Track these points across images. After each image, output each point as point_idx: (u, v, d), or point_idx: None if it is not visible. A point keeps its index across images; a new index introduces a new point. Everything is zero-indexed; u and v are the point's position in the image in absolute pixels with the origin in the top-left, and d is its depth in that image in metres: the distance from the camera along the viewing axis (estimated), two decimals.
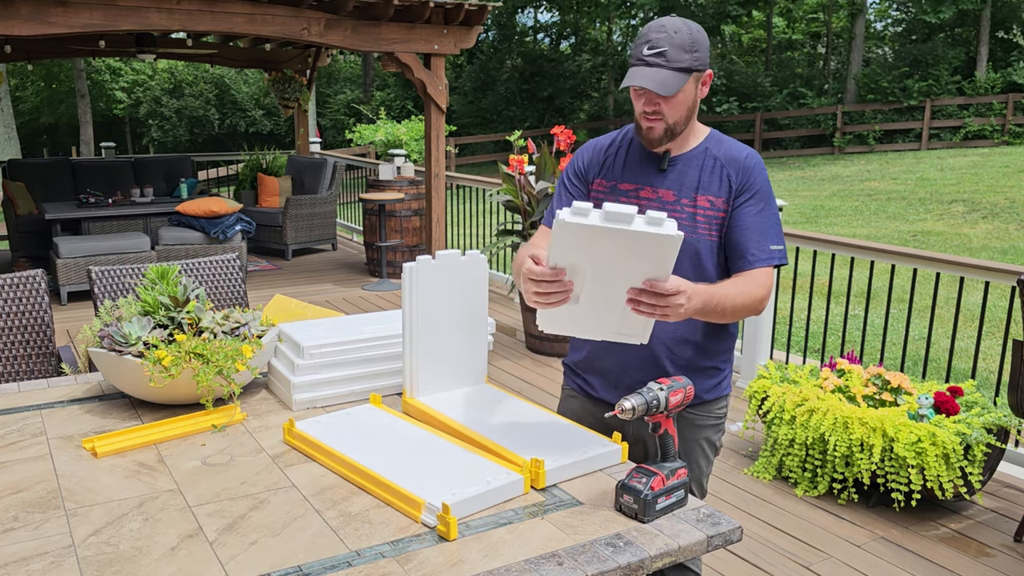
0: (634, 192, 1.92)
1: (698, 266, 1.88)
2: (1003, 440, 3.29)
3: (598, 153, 2.00)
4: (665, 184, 1.90)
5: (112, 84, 26.04)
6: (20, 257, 7.72)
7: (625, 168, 1.95)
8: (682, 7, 20.32)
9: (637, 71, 1.78)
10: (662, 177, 1.90)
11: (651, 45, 1.77)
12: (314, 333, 2.09)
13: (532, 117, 25.29)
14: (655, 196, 1.90)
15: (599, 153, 2.00)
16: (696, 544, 1.44)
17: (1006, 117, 19.11)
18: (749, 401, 3.70)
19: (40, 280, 2.94)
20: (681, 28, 1.78)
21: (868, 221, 11.80)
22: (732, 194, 1.88)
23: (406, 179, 7.79)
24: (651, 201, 1.90)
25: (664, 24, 1.79)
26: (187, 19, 5.71)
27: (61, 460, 1.73)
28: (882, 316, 5.80)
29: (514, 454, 1.66)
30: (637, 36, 1.83)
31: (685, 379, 1.59)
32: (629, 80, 1.78)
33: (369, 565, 1.34)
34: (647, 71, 1.77)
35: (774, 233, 1.89)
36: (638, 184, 1.92)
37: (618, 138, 2.00)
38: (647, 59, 1.78)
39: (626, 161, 1.95)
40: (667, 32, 1.77)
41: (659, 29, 1.78)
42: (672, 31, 1.77)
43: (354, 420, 1.88)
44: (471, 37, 6.73)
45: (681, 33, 1.77)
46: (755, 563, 2.96)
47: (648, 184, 1.91)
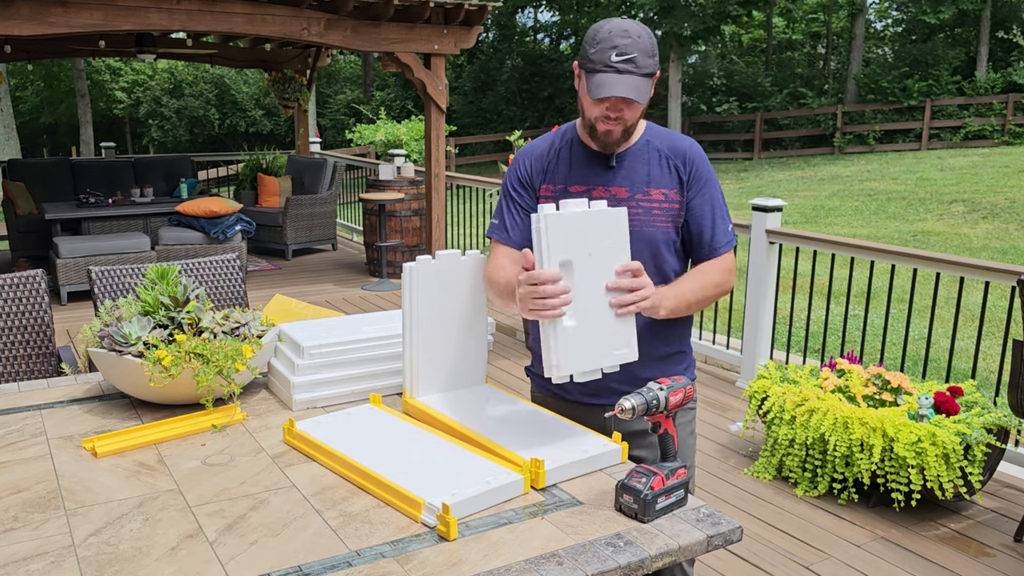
0: (586, 193, 1.91)
1: (658, 258, 1.92)
2: (1003, 440, 3.29)
3: (539, 159, 1.97)
4: (616, 181, 1.90)
5: (112, 84, 26.04)
6: (20, 257, 7.73)
7: (572, 170, 1.93)
8: (682, 7, 20.30)
9: (610, 79, 1.75)
10: (611, 175, 1.90)
11: (620, 51, 1.74)
12: (314, 333, 2.09)
13: (532, 117, 25.29)
14: (608, 195, 1.90)
15: (539, 159, 1.97)
16: (696, 544, 1.44)
17: (1006, 117, 19.11)
18: (749, 401, 3.70)
19: (40, 280, 2.94)
20: (642, 32, 1.77)
21: (868, 221, 11.80)
22: (683, 186, 1.91)
23: (406, 179, 7.79)
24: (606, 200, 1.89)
25: (627, 29, 1.75)
26: (187, 19, 5.71)
27: (61, 460, 1.73)
28: (882, 316, 5.80)
29: (514, 454, 1.66)
30: (594, 38, 1.78)
31: (685, 379, 1.59)
32: (607, 90, 1.74)
33: (369, 565, 1.34)
34: (621, 79, 1.75)
35: (726, 216, 1.97)
36: (588, 185, 1.91)
37: (556, 141, 1.98)
38: (617, 66, 1.74)
39: (571, 163, 1.93)
40: (632, 37, 1.74)
41: (623, 34, 1.75)
42: (636, 36, 1.75)
43: (354, 420, 1.88)
44: (471, 37, 6.73)
45: (643, 38, 1.76)
46: (755, 563, 2.96)
47: (599, 183, 1.91)
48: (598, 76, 1.76)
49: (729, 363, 5.13)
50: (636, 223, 1.88)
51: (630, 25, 1.77)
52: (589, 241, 1.66)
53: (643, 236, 1.90)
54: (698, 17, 20.04)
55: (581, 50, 1.81)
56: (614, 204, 1.87)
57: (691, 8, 20.26)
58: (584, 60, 1.79)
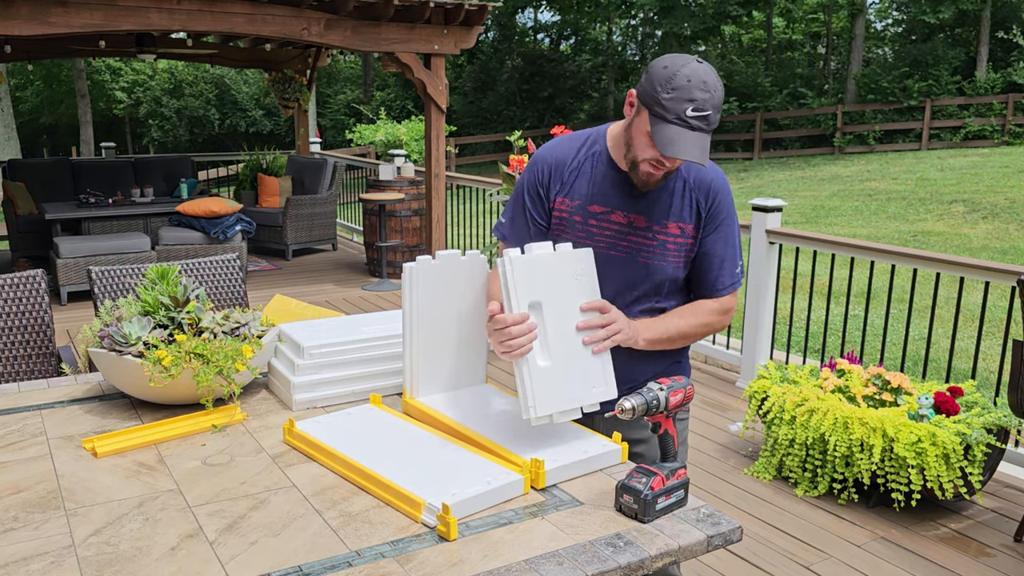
0: (604, 215, 1.84)
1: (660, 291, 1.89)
2: (1003, 440, 3.29)
3: (559, 168, 1.89)
4: (637, 209, 1.83)
5: (112, 84, 26.05)
6: (20, 257, 7.73)
7: (594, 187, 1.85)
8: (682, 7, 20.31)
9: (681, 136, 1.63)
10: (634, 201, 1.83)
11: (697, 107, 1.62)
12: (314, 333, 2.09)
13: (532, 117, 25.29)
14: (626, 221, 1.84)
15: (559, 168, 1.89)
16: (696, 544, 1.44)
17: (1006, 117, 19.11)
18: (749, 401, 3.70)
19: (40, 280, 2.94)
20: (718, 85, 1.66)
21: (868, 221, 11.80)
22: (701, 222, 1.85)
23: (406, 179, 7.79)
24: (621, 226, 1.84)
25: (707, 82, 1.63)
26: (187, 19, 5.71)
27: (61, 460, 1.73)
28: (882, 316, 5.80)
29: (514, 454, 1.66)
30: (669, 81, 1.63)
31: (685, 379, 1.59)
32: (678, 150, 1.62)
33: (369, 565, 1.34)
34: (692, 138, 1.64)
35: (737, 256, 1.92)
36: (609, 207, 1.84)
37: (581, 152, 1.88)
38: (691, 123, 1.63)
39: (595, 179, 1.85)
40: (710, 91, 1.63)
41: (702, 87, 1.63)
42: (713, 89, 1.64)
43: (354, 420, 1.88)
44: (471, 37, 6.73)
45: (719, 91, 1.66)
46: (755, 563, 2.96)
47: (620, 208, 1.84)
48: (669, 129, 1.64)
49: (729, 363, 5.13)
50: (647, 255, 1.84)
51: (709, 75, 1.65)
52: (557, 282, 1.69)
53: (651, 268, 1.86)
54: (698, 17, 20.04)
55: (647, 85, 1.67)
56: (631, 232, 1.84)
57: (691, 8, 20.26)
58: (652, 101, 1.66)
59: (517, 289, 1.64)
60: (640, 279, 1.88)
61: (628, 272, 1.87)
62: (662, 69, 1.66)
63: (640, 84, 1.70)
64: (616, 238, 1.86)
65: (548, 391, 1.65)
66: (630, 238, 1.85)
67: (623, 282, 1.88)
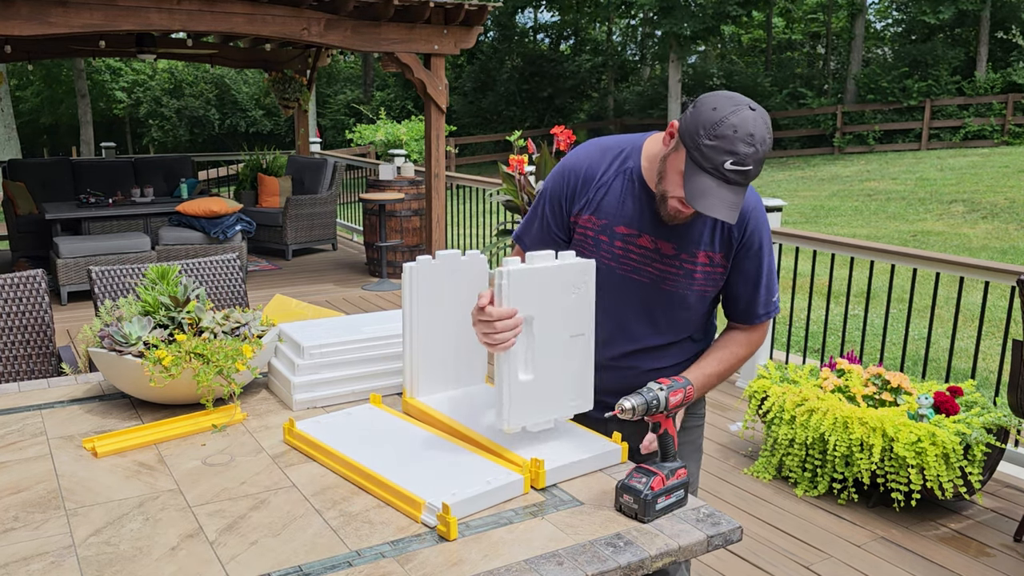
0: (632, 238, 1.76)
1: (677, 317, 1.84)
2: (1003, 440, 3.29)
3: (587, 184, 1.78)
4: (666, 236, 1.75)
5: (112, 84, 26.04)
6: (20, 257, 7.73)
7: (623, 208, 1.76)
8: (682, 7, 20.30)
9: (715, 191, 1.53)
10: (663, 228, 1.74)
11: (737, 161, 1.52)
12: (314, 333, 2.09)
13: (532, 117, 25.29)
14: (653, 247, 1.76)
15: (588, 185, 1.78)
16: (696, 544, 1.44)
17: (1006, 117, 19.11)
18: (749, 401, 3.70)
19: (40, 280, 2.94)
20: (767, 137, 1.54)
21: (868, 221, 11.80)
22: (733, 250, 1.77)
23: (406, 179, 7.79)
24: (647, 251, 1.76)
25: (754, 135, 1.51)
26: (187, 19, 5.71)
27: (61, 460, 1.73)
28: (882, 316, 5.80)
29: (514, 454, 1.66)
30: (714, 125, 1.51)
31: (685, 379, 1.59)
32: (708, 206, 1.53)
33: (369, 565, 1.34)
34: (726, 194, 1.54)
35: (774, 284, 1.85)
36: (636, 230, 1.75)
37: (613, 167, 1.77)
38: (728, 176, 1.53)
39: (624, 200, 1.75)
40: (756, 147, 1.52)
41: (748, 140, 1.51)
42: (759, 143, 1.52)
43: (354, 420, 1.88)
44: (471, 37, 6.73)
45: (766, 144, 1.53)
46: (755, 563, 2.96)
47: (647, 232, 1.75)
48: (702, 179, 1.54)
49: None
50: (672, 284, 1.78)
51: (758, 127, 1.52)
52: (552, 295, 1.65)
53: (673, 297, 1.80)
54: (698, 17, 20.04)
55: (691, 123, 1.56)
56: (657, 259, 1.76)
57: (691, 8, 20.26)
58: (691, 144, 1.55)
59: (511, 303, 1.61)
60: (661, 307, 1.82)
61: (649, 298, 1.81)
62: (710, 111, 1.53)
63: (684, 117, 1.59)
64: (641, 263, 1.78)
65: (525, 404, 1.65)
66: (656, 264, 1.78)
67: (642, 308, 1.82)
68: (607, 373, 1.88)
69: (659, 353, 1.89)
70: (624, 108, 25.55)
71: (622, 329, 1.85)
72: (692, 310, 1.84)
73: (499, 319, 1.57)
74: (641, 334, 1.85)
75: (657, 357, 1.89)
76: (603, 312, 1.81)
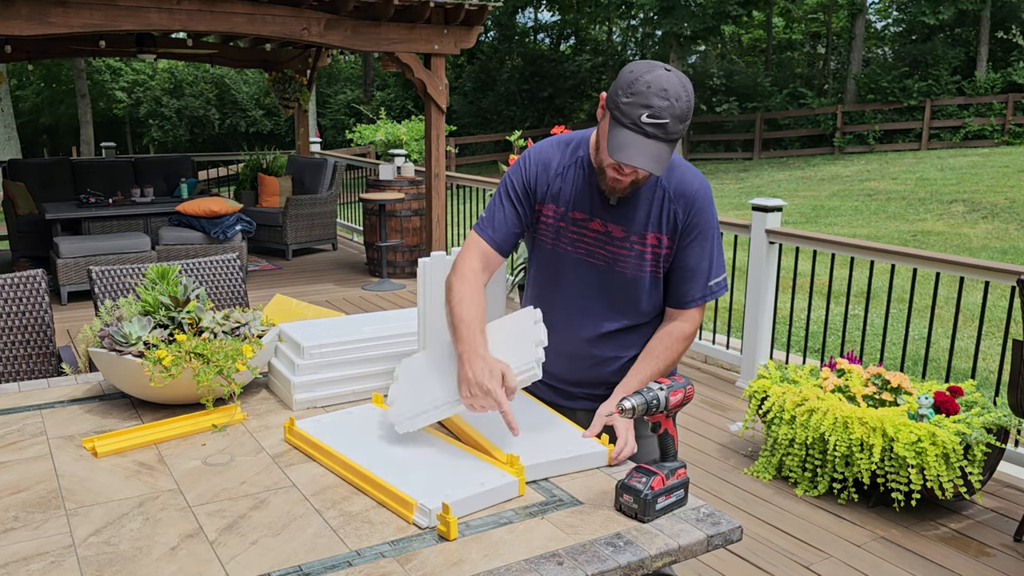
0: (584, 222, 1.83)
1: (639, 298, 1.88)
2: (1003, 440, 3.29)
3: (545, 173, 1.86)
4: (614, 219, 1.82)
5: (112, 84, 26.04)
6: (20, 257, 7.73)
7: (576, 194, 1.84)
8: (682, 7, 20.30)
9: (633, 141, 1.61)
10: (611, 211, 1.82)
11: (653, 113, 1.59)
12: (314, 333, 2.10)
13: (532, 117, 25.29)
14: (604, 230, 1.83)
15: (546, 173, 1.86)
16: (696, 544, 1.44)
17: (1006, 117, 19.11)
18: (749, 401, 3.70)
19: (40, 280, 2.94)
20: (681, 94, 1.61)
21: (868, 221, 11.80)
22: (677, 232, 1.83)
23: (406, 179, 7.79)
24: (599, 234, 1.83)
25: (667, 89, 1.60)
26: (187, 19, 5.71)
27: (61, 460, 1.73)
28: (882, 316, 5.80)
29: (512, 456, 1.66)
30: (630, 85, 1.61)
31: (685, 379, 1.59)
32: (626, 155, 1.61)
33: (369, 565, 1.34)
34: (645, 145, 1.61)
35: (714, 269, 1.87)
36: (588, 214, 1.83)
37: (567, 157, 1.86)
38: (646, 129, 1.60)
39: (577, 186, 1.84)
40: (670, 100, 1.59)
41: (662, 95, 1.59)
42: (674, 99, 1.60)
43: (355, 420, 1.88)
44: (471, 37, 6.73)
45: (681, 100, 1.61)
46: (755, 563, 2.96)
47: (598, 216, 1.83)
48: (622, 133, 1.62)
49: (729, 363, 5.13)
50: (625, 266, 1.84)
51: (671, 83, 1.61)
52: None
53: (627, 280, 1.85)
54: (698, 17, 20.03)
55: (613, 86, 1.66)
56: (608, 241, 1.83)
57: (691, 8, 20.26)
58: (612, 103, 1.65)
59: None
60: (617, 290, 1.86)
61: (605, 281, 1.86)
62: (627, 73, 1.64)
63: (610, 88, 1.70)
64: (594, 246, 1.84)
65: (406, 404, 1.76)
66: (608, 247, 1.84)
67: (599, 291, 1.87)
68: (570, 361, 1.92)
69: (620, 338, 1.91)
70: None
71: (584, 312, 1.89)
72: (648, 292, 1.88)
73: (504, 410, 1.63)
74: (601, 317, 1.89)
75: (619, 343, 1.91)
76: (565, 297, 1.88)
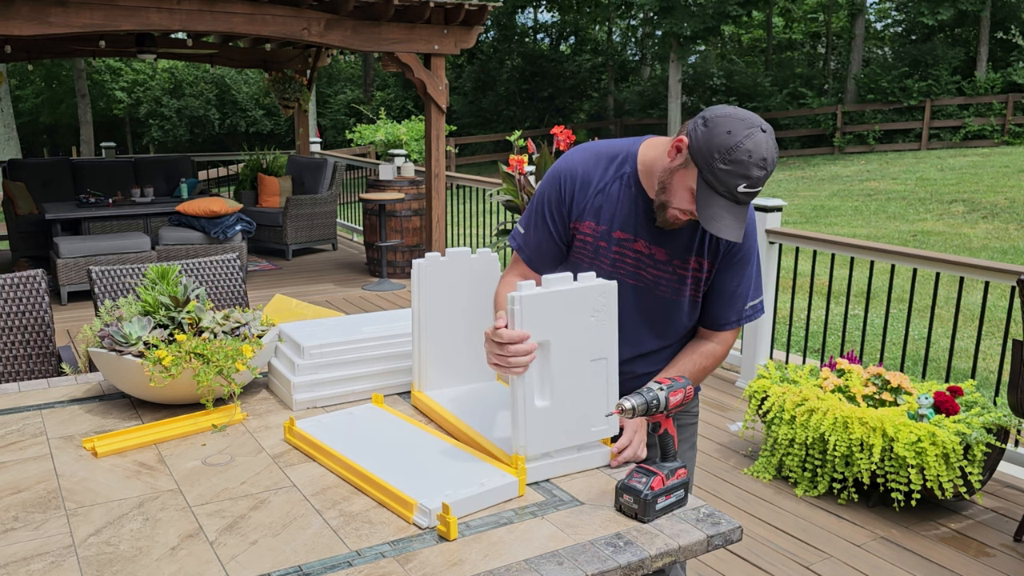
0: (628, 242, 1.78)
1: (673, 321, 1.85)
2: (1003, 440, 3.29)
3: (584, 187, 1.79)
4: (659, 242, 1.77)
5: (112, 84, 26.04)
6: (20, 257, 7.73)
7: (621, 214, 1.77)
8: (682, 7, 20.30)
9: (727, 212, 1.58)
10: (657, 233, 1.77)
11: (751, 184, 1.56)
12: (314, 333, 2.10)
13: (532, 117, 25.29)
14: (647, 252, 1.78)
15: (586, 188, 1.78)
16: (696, 544, 1.44)
17: (1006, 117, 19.11)
18: (749, 401, 3.70)
19: (40, 280, 2.94)
20: (775, 159, 1.58)
21: (868, 221, 11.80)
22: (718, 258, 1.81)
23: (406, 179, 7.79)
24: (641, 256, 1.78)
25: (766, 159, 1.55)
26: (187, 19, 5.71)
27: (61, 460, 1.73)
28: (882, 316, 5.80)
29: (506, 453, 1.66)
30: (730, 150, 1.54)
31: (684, 379, 1.59)
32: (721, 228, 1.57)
33: (369, 565, 1.34)
34: (737, 214, 1.58)
35: (752, 291, 1.85)
36: (632, 235, 1.77)
37: (610, 173, 1.78)
38: (741, 199, 1.57)
39: (620, 204, 1.77)
40: (767, 170, 1.56)
41: (762, 164, 1.55)
42: (770, 166, 1.57)
43: (355, 420, 1.88)
44: (471, 37, 6.73)
45: (774, 166, 1.59)
46: (755, 563, 2.96)
47: (643, 237, 1.77)
48: (716, 201, 1.58)
49: (729, 363, 5.13)
50: (666, 289, 1.80)
51: (770, 151, 1.56)
52: (570, 319, 1.60)
53: (668, 303, 1.82)
54: (698, 17, 20.03)
55: (703, 143, 1.56)
56: (652, 264, 1.78)
57: (691, 8, 20.26)
58: (705, 165, 1.57)
59: (524, 328, 1.55)
60: (657, 312, 1.83)
61: (645, 303, 1.82)
62: (725, 135, 1.55)
63: (695, 136, 1.59)
64: (637, 267, 1.80)
65: (543, 431, 1.60)
66: (650, 270, 1.80)
67: (639, 313, 1.83)
68: None
69: (654, 357, 1.89)
70: (624, 108, 25.54)
71: (622, 332, 1.84)
72: (687, 316, 1.85)
73: (510, 342, 1.53)
74: (641, 338, 1.86)
75: (652, 361, 1.89)
76: None
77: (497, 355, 1.55)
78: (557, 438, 1.63)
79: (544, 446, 1.61)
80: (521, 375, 1.56)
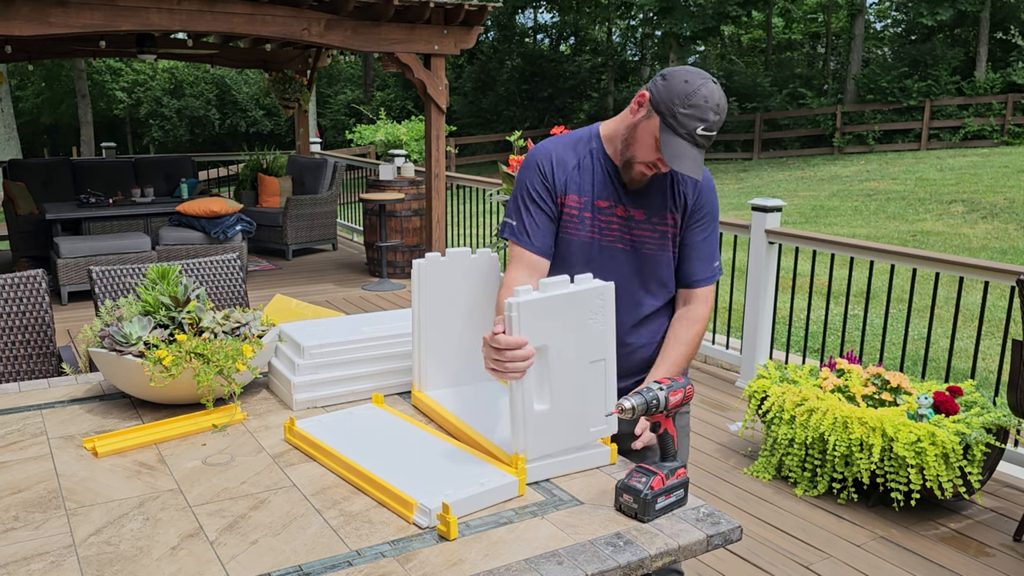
0: (609, 209, 1.90)
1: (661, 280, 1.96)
2: (1002, 440, 3.29)
3: (562, 168, 1.91)
4: (635, 203, 1.90)
5: (112, 84, 26.04)
6: (21, 257, 7.73)
7: (598, 184, 1.90)
8: (681, 7, 20.30)
9: (688, 152, 1.73)
10: (631, 196, 1.90)
11: (708, 127, 1.72)
12: (314, 333, 2.10)
13: (532, 117, 25.28)
14: (627, 214, 1.90)
15: (563, 169, 1.91)
16: (696, 543, 1.44)
17: (1005, 117, 19.11)
18: (749, 401, 3.70)
19: (40, 280, 2.94)
20: (726, 109, 1.76)
21: (868, 221, 11.80)
22: (686, 212, 1.93)
23: (406, 179, 7.80)
24: (623, 219, 1.90)
25: (719, 106, 1.73)
26: (187, 19, 5.71)
27: (61, 460, 1.73)
28: (881, 316, 5.80)
29: (506, 453, 1.66)
30: (688, 96, 1.71)
31: (684, 379, 1.60)
32: (684, 165, 1.72)
33: (369, 565, 1.35)
34: (696, 155, 1.74)
35: (715, 252, 2.00)
36: (612, 201, 1.90)
37: (580, 150, 1.92)
38: (698, 139, 1.73)
39: (595, 175, 1.90)
40: (720, 115, 1.74)
41: (717, 109, 1.73)
42: (722, 112, 1.74)
43: (355, 420, 1.88)
44: (471, 37, 6.73)
45: (725, 114, 1.76)
46: (755, 563, 2.96)
47: (621, 202, 1.90)
48: (678, 143, 1.73)
49: (729, 363, 5.13)
50: (651, 247, 1.92)
51: (722, 99, 1.75)
52: (568, 323, 1.60)
53: (653, 260, 1.93)
54: (698, 17, 20.04)
55: (665, 94, 1.74)
56: (634, 225, 1.90)
57: (691, 8, 20.26)
58: (667, 112, 1.73)
59: (522, 333, 1.55)
60: (647, 271, 1.93)
61: (635, 264, 1.92)
62: (683, 83, 1.73)
63: (655, 89, 1.76)
64: (621, 231, 1.91)
65: (542, 435, 1.60)
66: (633, 231, 1.91)
67: (632, 274, 1.93)
68: None
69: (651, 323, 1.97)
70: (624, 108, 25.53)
71: (620, 298, 1.89)
72: (671, 271, 1.97)
73: (507, 348, 1.54)
74: (637, 300, 1.94)
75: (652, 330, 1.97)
76: None
77: (495, 360, 1.56)
78: (556, 440, 1.63)
79: (543, 449, 1.62)
80: (520, 380, 1.56)
